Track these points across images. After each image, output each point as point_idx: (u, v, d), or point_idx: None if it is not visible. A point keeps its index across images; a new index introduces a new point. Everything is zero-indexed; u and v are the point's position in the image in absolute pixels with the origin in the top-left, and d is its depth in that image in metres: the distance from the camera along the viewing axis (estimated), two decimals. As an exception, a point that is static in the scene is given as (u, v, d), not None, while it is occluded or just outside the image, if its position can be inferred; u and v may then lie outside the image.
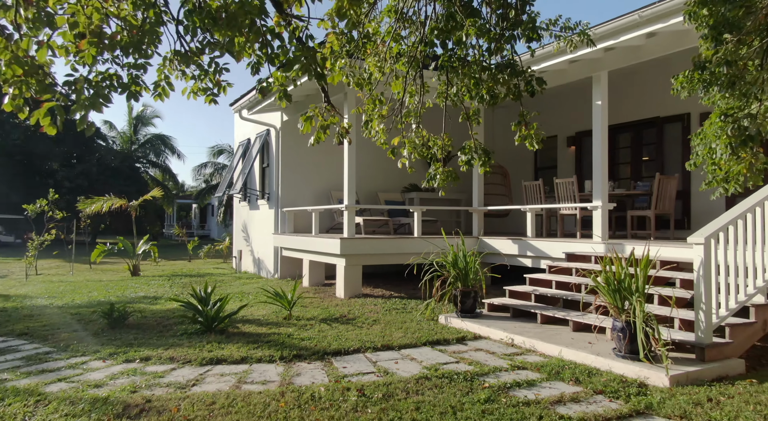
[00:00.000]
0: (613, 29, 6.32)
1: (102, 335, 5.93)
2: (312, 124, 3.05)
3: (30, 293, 9.54)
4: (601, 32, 6.43)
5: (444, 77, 3.76)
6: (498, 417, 3.28)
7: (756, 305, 4.58)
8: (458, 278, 6.43)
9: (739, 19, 3.39)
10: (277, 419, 3.32)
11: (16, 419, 3.38)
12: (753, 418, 3.22)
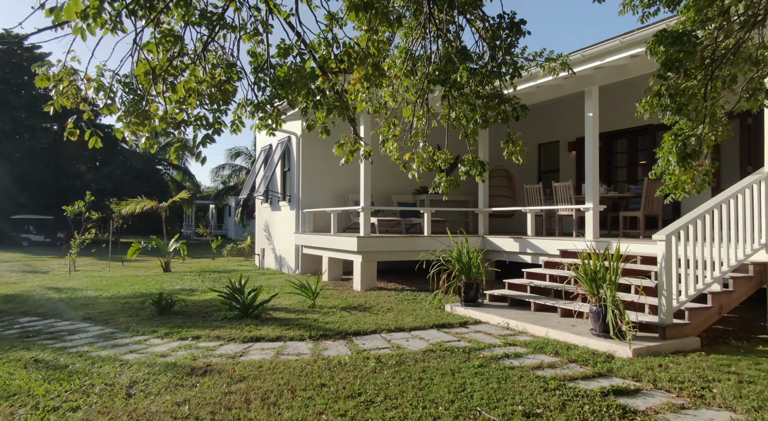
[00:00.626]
0: (600, 51, 7.13)
1: (153, 319, 6.89)
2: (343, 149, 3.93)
3: (78, 286, 10.59)
4: (589, 54, 7.24)
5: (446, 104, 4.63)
6: (487, 377, 4.15)
7: (713, 293, 5.38)
8: (462, 271, 7.30)
9: (680, 59, 4.21)
10: (313, 377, 4.21)
11: (110, 375, 4.33)
12: (689, 377, 4.05)
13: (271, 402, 3.62)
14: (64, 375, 4.36)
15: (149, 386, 4.03)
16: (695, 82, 4.42)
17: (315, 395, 3.75)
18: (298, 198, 12.14)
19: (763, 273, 5.68)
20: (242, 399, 3.69)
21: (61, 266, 16.31)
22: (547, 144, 13.13)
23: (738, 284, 5.54)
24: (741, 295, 5.57)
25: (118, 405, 3.63)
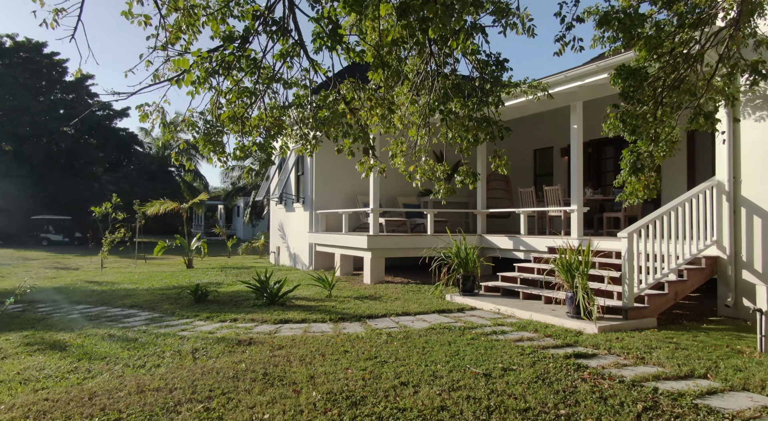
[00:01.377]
0: (580, 73, 8.14)
1: (192, 306, 7.97)
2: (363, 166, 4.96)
3: (114, 280, 11.70)
4: (571, 75, 8.25)
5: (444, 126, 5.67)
6: (476, 346, 5.19)
7: (669, 281, 6.40)
8: (460, 265, 8.34)
9: (634, 91, 5.23)
10: (336, 346, 5.26)
11: (174, 345, 5.39)
12: (637, 346, 5.07)
13: (307, 362, 4.67)
14: (138, 345, 5.44)
15: (208, 352, 5.10)
16: (647, 108, 5.45)
17: (341, 357, 4.80)
18: (311, 200, 13.21)
19: (713, 265, 6.69)
20: (284, 360, 4.74)
21: (88, 263, 17.46)
22: (542, 149, 14.13)
23: (691, 275, 6.56)
24: (694, 283, 6.58)
25: (188, 364, 4.69)
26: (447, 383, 3.98)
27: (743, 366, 4.37)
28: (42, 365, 4.78)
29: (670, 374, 4.20)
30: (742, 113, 6.50)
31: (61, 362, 4.84)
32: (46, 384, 4.19)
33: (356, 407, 3.50)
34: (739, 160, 6.53)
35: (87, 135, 32.80)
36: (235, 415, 3.40)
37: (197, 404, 3.63)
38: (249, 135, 3.95)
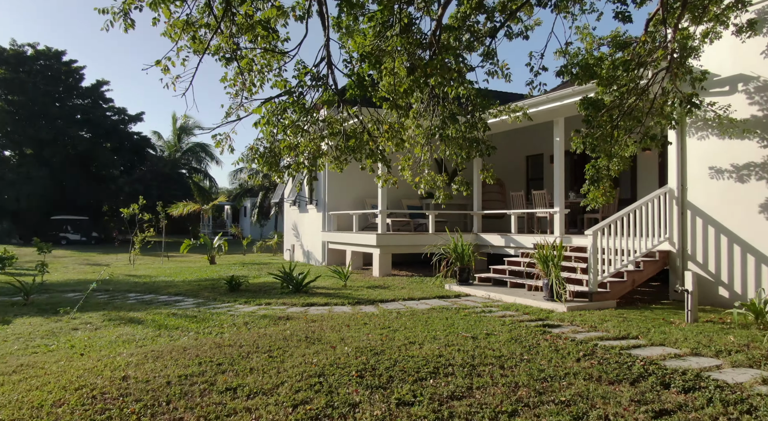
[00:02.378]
0: (559, 95, 9.52)
1: (228, 294, 9.37)
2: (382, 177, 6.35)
3: (150, 274, 13.11)
4: (552, 96, 9.63)
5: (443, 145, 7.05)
6: (468, 320, 6.57)
7: (628, 271, 7.79)
8: (458, 259, 9.74)
9: (593, 118, 6.61)
10: (357, 320, 6.65)
11: (228, 321, 6.79)
12: (593, 319, 6.45)
13: (336, 330, 6.07)
14: (199, 320, 6.85)
15: (257, 324, 6.50)
16: (604, 131, 6.83)
17: (362, 327, 6.19)
18: (324, 202, 14.61)
19: (666, 258, 8.07)
20: (318, 328, 6.14)
21: (115, 260, 18.88)
22: (533, 156, 15.51)
23: (647, 266, 7.95)
24: (649, 273, 7.97)
25: (245, 332, 6.09)
26: (443, 342, 5.37)
27: (668, 331, 5.76)
28: (131, 333, 6.19)
29: (611, 336, 5.59)
30: (689, 133, 7.89)
31: (146, 331, 6.25)
32: (144, 343, 5.60)
33: (378, 356, 4.88)
34: (686, 171, 7.91)
35: (103, 139, 34.23)
36: (293, 359, 4.79)
37: (262, 354, 5.02)
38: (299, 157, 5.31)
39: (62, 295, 9.72)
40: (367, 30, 5.77)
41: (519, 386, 3.98)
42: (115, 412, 3.57)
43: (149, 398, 3.81)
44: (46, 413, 3.56)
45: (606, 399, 3.67)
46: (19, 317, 7.34)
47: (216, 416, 3.49)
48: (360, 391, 3.91)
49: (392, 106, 5.47)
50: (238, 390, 3.97)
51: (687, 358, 4.74)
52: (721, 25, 6.63)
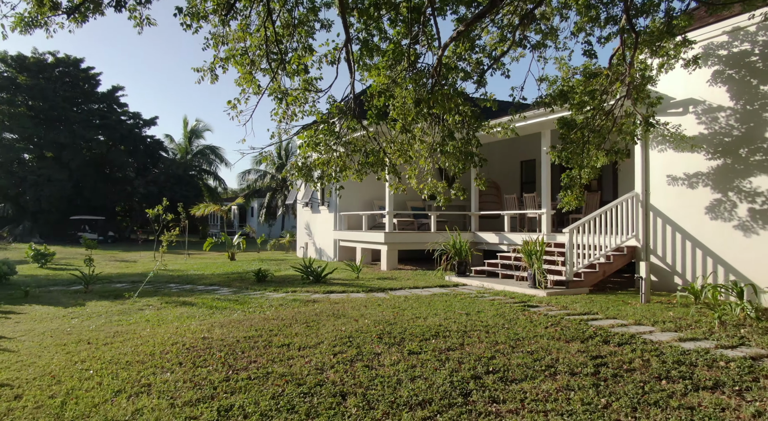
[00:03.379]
0: (544, 112, 10.91)
1: (257, 284, 10.79)
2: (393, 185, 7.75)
3: (181, 269, 14.55)
4: (539, 112, 11.03)
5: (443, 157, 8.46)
6: (463, 302, 7.99)
7: (599, 263, 9.20)
8: (456, 254, 11.15)
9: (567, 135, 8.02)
10: (371, 302, 8.07)
11: (265, 303, 8.21)
12: (567, 302, 7.86)
13: (356, 309, 7.48)
14: (240, 303, 8.28)
15: (290, 306, 7.93)
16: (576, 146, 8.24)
17: (377, 307, 7.61)
18: (335, 204, 16.04)
19: (633, 252, 9.48)
20: (341, 308, 7.56)
21: (140, 257, 20.32)
22: (527, 161, 16.89)
23: (616, 259, 9.35)
24: (618, 265, 9.38)
25: (282, 310, 7.52)
26: (443, 317, 6.79)
27: (622, 309, 7.17)
28: (190, 311, 7.62)
29: (576, 312, 7.01)
30: (651, 146, 9.29)
31: (201, 310, 7.69)
32: (205, 318, 7.04)
33: (391, 325, 6.30)
34: (649, 178, 9.31)
35: (118, 142, 35.70)
36: (326, 327, 6.22)
37: (301, 324, 6.45)
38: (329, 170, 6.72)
39: (111, 285, 11.17)
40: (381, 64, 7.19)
41: (498, 343, 5.39)
42: (207, 357, 5.00)
43: (227, 349, 5.25)
44: (159, 357, 5.00)
45: (560, 350, 5.09)
46: (89, 301, 8.79)
47: (280, 359, 4.91)
48: (380, 346, 5.33)
49: (403, 130, 6.90)
50: (290, 346, 5.39)
51: (630, 326, 6.16)
52: (673, 58, 8.03)
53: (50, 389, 4.22)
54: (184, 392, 4.06)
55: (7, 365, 4.94)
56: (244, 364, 4.79)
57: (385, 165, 6.80)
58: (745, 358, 4.72)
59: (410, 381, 4.22)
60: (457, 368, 4.56)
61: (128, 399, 3.96)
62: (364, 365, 4.70)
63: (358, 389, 4.08)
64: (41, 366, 4.88)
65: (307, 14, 6.71)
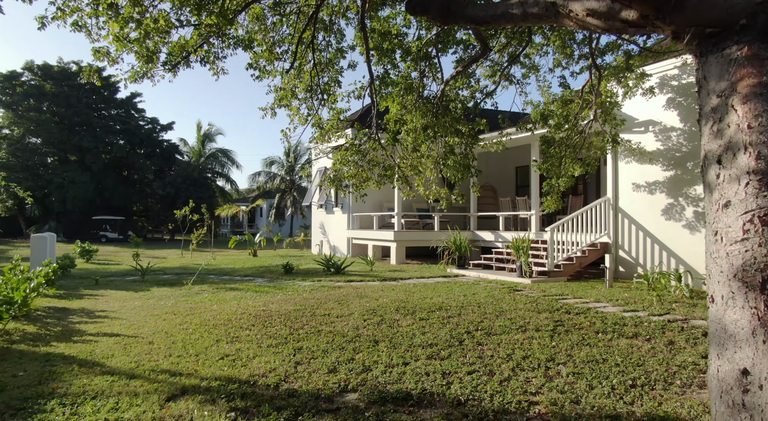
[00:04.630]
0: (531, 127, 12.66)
1: (286, 275, 12.60)
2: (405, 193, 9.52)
3: (213, 264, 16.38)
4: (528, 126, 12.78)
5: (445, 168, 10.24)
6: (462, 287, 9.77)
7: (576, 256, 10.97)
8: (457, 250, 12.94)
9: (548, 151, 9.79)
10: (386, 288, 9.85)
11: (298, 289, 10.01)
12: (546, 287, 9.63)
13: (375, 292, 9.27)
14: (277, 289, 10.08)
15: (320, 290, 9.72)
16: (554, 160, 10.02)
17: (391, 291, 9.40)
18: (348, 206, 17.84)
19: (605, 247, 11.24)
20: (363, 292, 9.35)
21: (168, 254, 22.15)
22: (521, 166, 18.65)
23: (591, 253, 11.13)
24: (592, 258, 11.15)
25: (315, 293, 9.30)
26: (445, 297, 8.58)
27: (589, 292, 8.94)
28: (240, 294, 9.42)
29: (552, 294, 8.79)
30: (620, 158, 11.06)
31: (249, 294, 9.49)
32: (255, 298, 8.84)
33: (404, 302, 8.08)
34: (618, 185, 11.08)
35: (137, 147, 37.59)
36: (354, 304, 8.01)
37: (334, 302, 8.24)
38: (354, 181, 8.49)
39: (159, 276, 12.98)
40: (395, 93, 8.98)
41: (486, 313, 7.18)
42: (271, 321, 6.80)
43: (284, 317, 7.05)
44: (235, 322, 6.81)
45: (532, 317, 6.87)
46: (152, 288, 10.61)
47: (324, 323, 6.71)
48: (398, 315, 7.12)
49: (413, 149, 8.70)
50: (330, 315, 7.19)
51: (590, 303, 7.94)
52: (634, 88, 9.80)
53: (169, 340, 6.02)
54: (264, 340, 5.86)
55: (127, 327, 6.76)
56: (299, 325, 6.59)
57: (398, 176, 8.60)
58: (664, 321, 6.50)
59: (422, 334, 6.01)
60: (455, 327, 6.35)
61: (227, 344, 5.76)
62: (388, 325, 6.50)
63: (385, 338, 5.87)
64: (152, 327, 6.69)
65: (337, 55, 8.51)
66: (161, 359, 5.17)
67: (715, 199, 3.23)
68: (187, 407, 3.84)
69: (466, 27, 8.03)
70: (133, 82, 6.91)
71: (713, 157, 3.32)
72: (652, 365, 4.74)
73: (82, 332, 6.49)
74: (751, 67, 3.29)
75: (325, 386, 4.26)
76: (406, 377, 4.45)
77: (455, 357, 5.06)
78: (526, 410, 3.72)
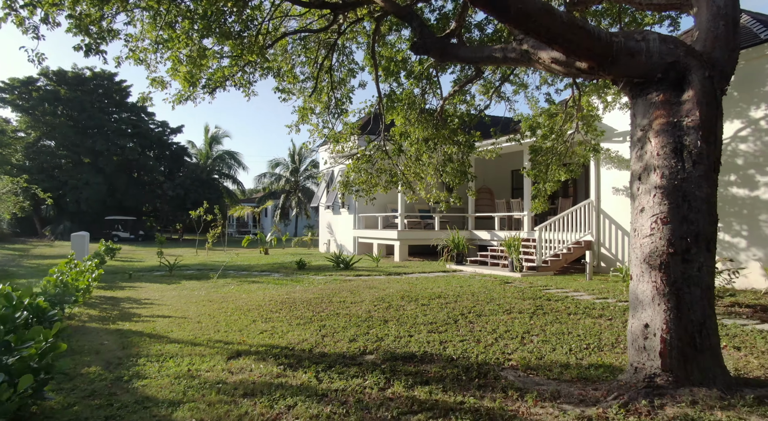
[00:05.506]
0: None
1: (299, 271, 13.83)
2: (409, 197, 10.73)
3: (230, 261, 17.62)
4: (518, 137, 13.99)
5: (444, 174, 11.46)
6: (459, 281, 10.98)
7: (562, 253, 12.18)
8: (455, 247, 14.16)
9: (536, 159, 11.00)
10: (391, 280, 11.07)
11: (314, 281, 11.24)
12: (533, 280, 10.83)
13: (382, 284, 10.49)
14: (295, 282, 11.31)
15: (333, 283, 10.94)
16: (542, 166, 11.24)
17: (396, 283, 10.62)
18: (354, 207, 19.07)
19: (588, 245, 12.45)
20: (371, 284, 10.56)
21: (182, 253, 23.38)
22: (516, 170, 19.86)
23: (575, 250, 12.34)
24: (576, 254, 12.36)
25: (329, 285, 10.53)
26: (444, 288, 9.80)
27: (570, 283, 10.15)
28: (263, 286, 10.65)
29: (538, 285, 10.00)
30: (602, 164, 12.26)
31: (270, 286, 10.72)
32: (277, 289, 10.07)
33: (408, 292, 9.29)
34: (600, 188, 12.29)
35: (148, 149, 38.89)
36: (364, 294, 9.23)
37: (347, 292, 9.46)
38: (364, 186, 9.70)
39: (183, 272, 14.21)
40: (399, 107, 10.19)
41: (479, 300, 8.40)
42: (295, 306, 8.03)
43: (306, 303, 8.28)
44: (265, 307, 8.03)
45: (517, 303, 8.09)
46: (181, 281, 11.84)
47: (341, 308, 7.93)
48: (403, 302, 8.34)
49: (416, 159, 9.93)
50: (345, 302, 8.41)
51: (569, 292, 9.15)
52: (612, 102, 11.00)
53: (213, 320, 7.24)
54: (293, 320, 7.08)
55: (174, 311, 7.99)
56: (320, 309, 7.82)
57: (402, 182, 9.83)
58: (627, 306, 7.71)
59: (423, 316, 7.23)
60: (451, 311, 7.57)
61: (262, 323, 6.98)
62: (394, 310, 7.72)
63: (393, 318, 7.09)
64: (195, 311, 7.92)
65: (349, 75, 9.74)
66: (212, 333, 6.40)
67: (635, 206, 4.47)
68: (245, 362, 5.07)
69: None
70: (179, 103, 8.12)
71: (636, 175, 4.56)
72: (606, 336, 5.96)
73: (137, 314, 7.73)
74: (663, 110, 4.54)
75: (348, 350, 5.48)
76: (411, 344, 5.67)
77: (450, 331, 6.29)
78: (502, 363, 4.94)
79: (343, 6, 7.21)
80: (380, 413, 3.72)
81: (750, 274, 9.04)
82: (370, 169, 9.60)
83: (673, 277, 3.99)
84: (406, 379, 4.44)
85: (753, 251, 9.08)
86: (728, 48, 4.79)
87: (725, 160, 9.60)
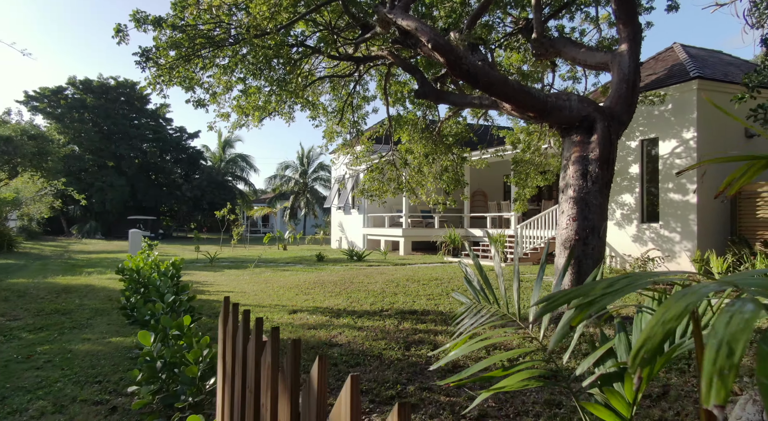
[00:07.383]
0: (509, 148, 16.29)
1: (319, 262, 16.26)
2: (413, 200, 13.00)
3: (253, 255, 20.07)
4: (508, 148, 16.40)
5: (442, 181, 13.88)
6: (453, 269, 13.40)
7: (540, 247, 14.58)
8: (452, 243, 16.59)
9: (519, 168, 13.40)
10: (398, 269, 13.49)
11: (334, 269, 13.67)
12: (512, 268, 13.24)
13: (391, 272, 12.90)
14: (319, 270, 13.75)
15: (351, 270, 13.38)
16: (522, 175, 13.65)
17: (402, 270, 13.04)
18: (364, 208, 21.50)
19: (563, 240, 14.83)
20: (382, 271, 12.98)
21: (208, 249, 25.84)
22: (508, 175, 22.26)
23: (552, 244, 14.74)
24: (552, 248, 14.75)
25: (348, 272, 12.96)
26: (440, 273, 12.21)
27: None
28: (293, 273, 13.08)
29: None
30: (574, 173, 14.66)
31: (299, 273, 13.15)
32: (306, 275, 12.50)
33: (412, 276, 11.69)
34: (573, 193, 14.68)
35: (166, 153, 41.41)
36: (377, 278, 11.65)
37: (363, 277, 11.88)
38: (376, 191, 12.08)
39: (221, 263, 16.66)
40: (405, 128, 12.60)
41: (467, 281, 10.82)
42: (325, 285, 10.46)
43: (333, 283, 10.71)
44: (302, 286, 10.47)
45: (493, 282, 10.51)
46: (223, 270, 14.28)
47: (360, 286, 10.36)
48: (408, 283, 10.76)
49: (417, 170, 12.34)
50: (362, 283, 10.83)
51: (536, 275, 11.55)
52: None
53: (265, 294, 9.67)
54: (326, 293, 9.50)
55: (231, 289, 10.42)
56: (345, 287, 10.25)
57: (407, 189, 12.25)
58: (579, 284, 10.13)
59: (424, 291, 9.65)
60: (445, 288, 9.99)
61: (303, 296, 9.39)
62: (402, 287, 10.15)
63: (401, 292, 9.51)
64: (248, 289, 10.35)
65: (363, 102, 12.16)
66: (269, 301, 8.83)
67: (560, 210, 6.88)
68: (302, 315, 7.49)
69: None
70: (235, 130, 10.55)
71: (561, 189, 6.98)
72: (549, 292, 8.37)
73: (205, 291, 10.17)
74: (578, 147, 6.95)
75: (371, 309, 7.90)
76: (414, 306, 8.09)
77: (443, 299, 8.71)
78: (475, 314, 7.38)
79: (365, 59, 9.64)
80: (396, 335, 6.14)
81: (682, 261, 11.41)
82: (381, 179, 12.04)
83: (576, 254, 6.40)
84: (412, 321, 6.87)
85: (684, 243, 11.44)
86: (627, 104, 7.20)
87: (664, 171, 11.98)
